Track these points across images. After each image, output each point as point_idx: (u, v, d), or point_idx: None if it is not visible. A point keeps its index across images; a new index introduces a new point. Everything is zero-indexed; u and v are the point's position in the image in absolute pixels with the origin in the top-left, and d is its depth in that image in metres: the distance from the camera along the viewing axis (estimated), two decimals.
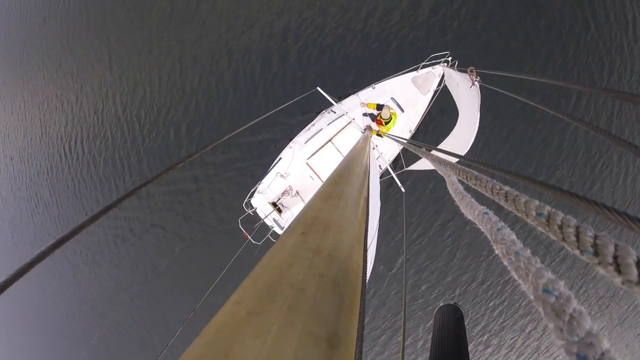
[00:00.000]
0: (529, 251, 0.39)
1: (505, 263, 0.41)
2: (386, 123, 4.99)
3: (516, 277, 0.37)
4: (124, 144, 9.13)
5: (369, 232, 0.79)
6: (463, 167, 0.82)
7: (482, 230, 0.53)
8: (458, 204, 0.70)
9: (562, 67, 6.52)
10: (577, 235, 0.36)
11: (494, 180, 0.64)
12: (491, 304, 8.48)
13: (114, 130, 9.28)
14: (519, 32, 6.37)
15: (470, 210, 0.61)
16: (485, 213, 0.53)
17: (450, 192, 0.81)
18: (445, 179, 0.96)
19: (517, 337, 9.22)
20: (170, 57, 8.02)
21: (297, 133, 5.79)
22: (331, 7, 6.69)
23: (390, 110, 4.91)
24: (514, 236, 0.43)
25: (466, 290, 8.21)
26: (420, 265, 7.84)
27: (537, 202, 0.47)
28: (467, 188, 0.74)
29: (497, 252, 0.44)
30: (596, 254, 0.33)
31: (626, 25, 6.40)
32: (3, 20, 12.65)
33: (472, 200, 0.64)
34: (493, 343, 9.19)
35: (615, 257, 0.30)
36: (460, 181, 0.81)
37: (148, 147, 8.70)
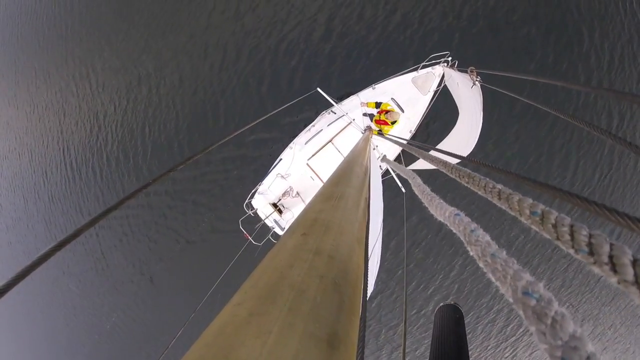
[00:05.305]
0: (504, 252, 0.38)
1: (481, 265, 0.39)
2: (392, 123, 5.05)
3: (494, 279, 0.36)
4: (124, 145, 9.14)
5: (372, 234, 0.78)
6: (456, 165, 0.81)
7: (455, 231, 0.51)
8: (427, 206, 0.69)
9: (563, 67, 6.51)
10: (572, 234, 0.36)
11: (487, 179, 0.62)
12: (492, 303, 8.46)
13: (115, 131, 9.29)
14: (519, 31, 6.37)
15: (441, 211, 0.59)
16: (457, 214, 0.52)
17: (417, 194, 0.80)
18: (409, 180, 0.94)
19: (518, 336, 9.19)
20: (167, 59, 8.03)
21: (298, 134, 5.80)
22: (330, 8, 6.70)
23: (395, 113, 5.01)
24: (488, 237, 0.42)
25: (466, 290, 8.19)
26: (420, 265, 7.82)
27: (530, 201, 0.46)
28: (459, 187, 0.72)
29: (472, 254, 0.43)
30: (591, 253, 0.32)
31: (629, 25, 6.39)
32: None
33: (442, 201, 0.62)
34: (493, 343, 9.16)
35: (610, 257, 0.30)
36: (454, 180, 0.80)
37: (147, 148, 8.71)
